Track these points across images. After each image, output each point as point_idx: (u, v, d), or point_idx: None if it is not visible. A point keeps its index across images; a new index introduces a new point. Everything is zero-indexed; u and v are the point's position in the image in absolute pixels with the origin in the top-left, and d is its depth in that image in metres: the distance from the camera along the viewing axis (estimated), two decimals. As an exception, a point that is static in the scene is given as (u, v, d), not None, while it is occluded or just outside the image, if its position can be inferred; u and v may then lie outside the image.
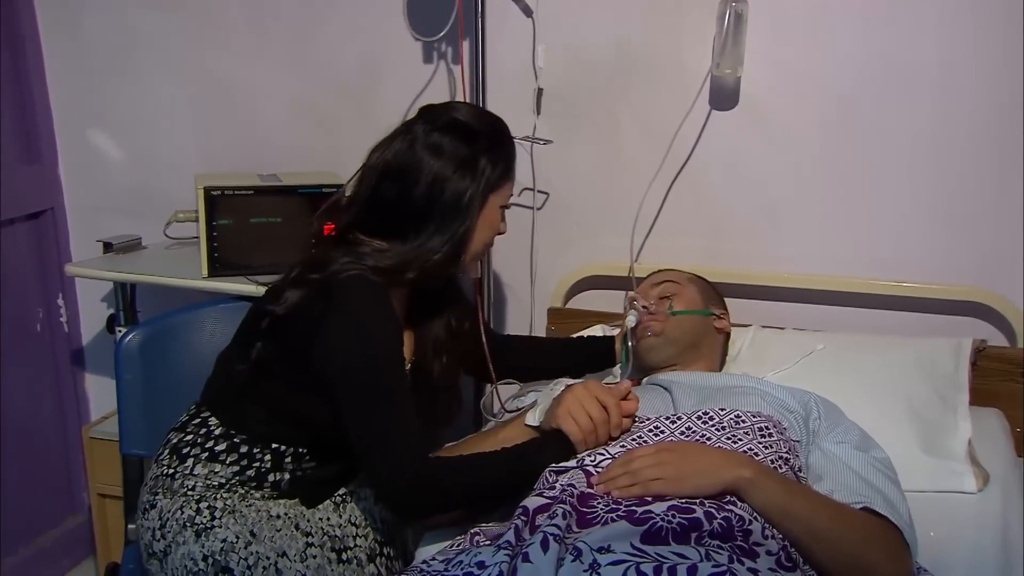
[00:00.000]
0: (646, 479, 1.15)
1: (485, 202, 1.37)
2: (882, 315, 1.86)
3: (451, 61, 1.98)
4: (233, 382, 1.41)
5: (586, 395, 1.28)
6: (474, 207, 1.35)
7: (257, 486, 1.39)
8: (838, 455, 1.32)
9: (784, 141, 1.85)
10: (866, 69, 1.77)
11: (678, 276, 1.64)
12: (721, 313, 1.62)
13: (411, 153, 1.35)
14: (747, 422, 1.30)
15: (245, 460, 1.39)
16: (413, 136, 1.37)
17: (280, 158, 2.13)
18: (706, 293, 1.63)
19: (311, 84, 2.12)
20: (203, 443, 1.40)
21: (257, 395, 1.39)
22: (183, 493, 1.38)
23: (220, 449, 1.39)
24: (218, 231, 1.84)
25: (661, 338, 1.53)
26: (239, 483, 1.39)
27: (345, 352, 1.28)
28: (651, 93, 1.89)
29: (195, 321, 1.76)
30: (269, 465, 1.39)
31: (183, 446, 1.41)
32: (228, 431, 1.40)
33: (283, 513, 1.39)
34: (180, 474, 1.39)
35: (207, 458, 1.39)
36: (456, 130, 1.36)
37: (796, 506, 1.14)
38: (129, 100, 2.26)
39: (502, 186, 1.39)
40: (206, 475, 1.38)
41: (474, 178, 1.35)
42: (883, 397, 1.59)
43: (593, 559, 1.02)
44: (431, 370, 1.49)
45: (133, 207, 2.27)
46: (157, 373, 1.68)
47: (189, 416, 1.46)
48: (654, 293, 1.59)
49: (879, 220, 1.83)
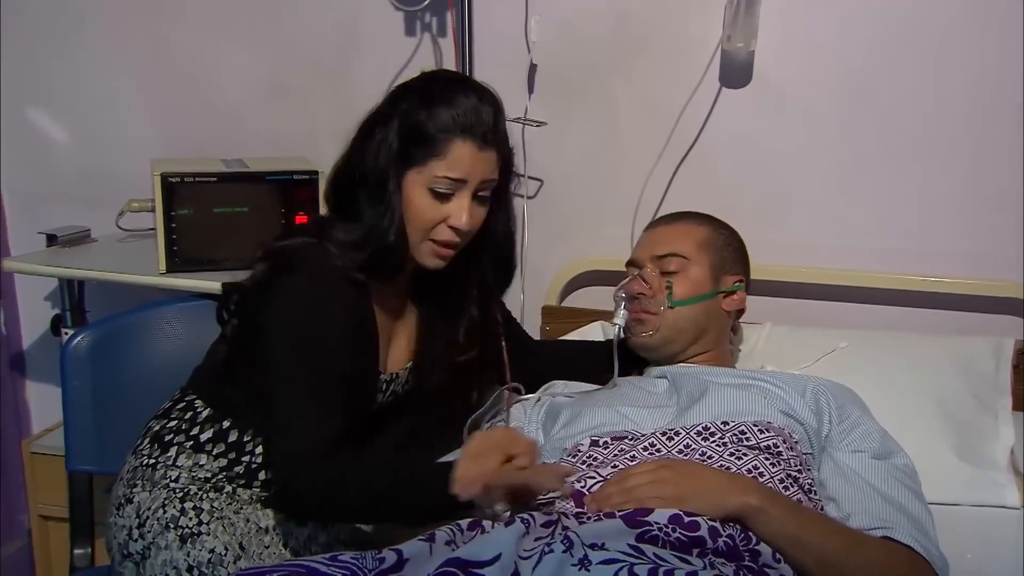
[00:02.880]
0: (641, 497, 1.14)
1: (402, 178, 1.31)
2: (907, 313, 1.85)
3: (436, 33, 1.97)
4: (217, 366, 1.43)
5: (504, 439, 1.21)
6: (387, 184, 1.30)
7: (246, 484, 1.39)
8: (854, 468, 1.31)
9: (801, 121, 1.84)
10: (890, 40, 1.76)
11: (689, 239, 1.52)
12: (736, 281, 1.54)
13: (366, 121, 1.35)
14: (752, 439, 1.29)
15: (233, 452, 1.39)
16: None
17: (246, 141, 2.12)
18: (719, 260, 1.53)
19: (280, 59, 2.11)
20: (188, 430, 1.41)
21: (239, 380, 1.40)
22: (165, 485, 1.37)
23: (206, 438, 1.40)
24: (177, 222, 1.82)
25: (656, 337, 1.49)
26: (226, 479, 1.39)
27: (279, 324, 1.29)
28: (655, 69, 1.89)
29: (151, 322, 1.74)
30: (260, 460, 1.39)
31: (166, 433, 1.41)
32: (215, 414, 1.41)
33: (271, 527, 1.40)
34: (162, 464, 1.39)
35: (192, 447, 1.39)
36: (391, 93, 1.34)
37: (807, 536, 1.13)
38: (76, 75, 2.23)
39: (425, 161, 1.29)
40: (191, 467, 1.38)
41: (380, 147, 1.30)
42: (911, 397, 1.58)
43: (584, 554, 1.00)
44: (425, 385, 1.48)
45: (81, 195, 2.25)
46: (108, 380, 1.66)
47: (173, 401, 1.46)
48: (653, 271, 1.51)
49: (905, 207, 1.82)
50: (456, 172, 1.30)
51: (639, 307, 1.50)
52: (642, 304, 1.50)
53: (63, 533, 1.76)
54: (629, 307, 1.52)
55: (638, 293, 1.51)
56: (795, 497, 1.22)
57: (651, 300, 1.50)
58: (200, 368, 1.49)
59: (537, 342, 1.81)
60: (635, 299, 1.51)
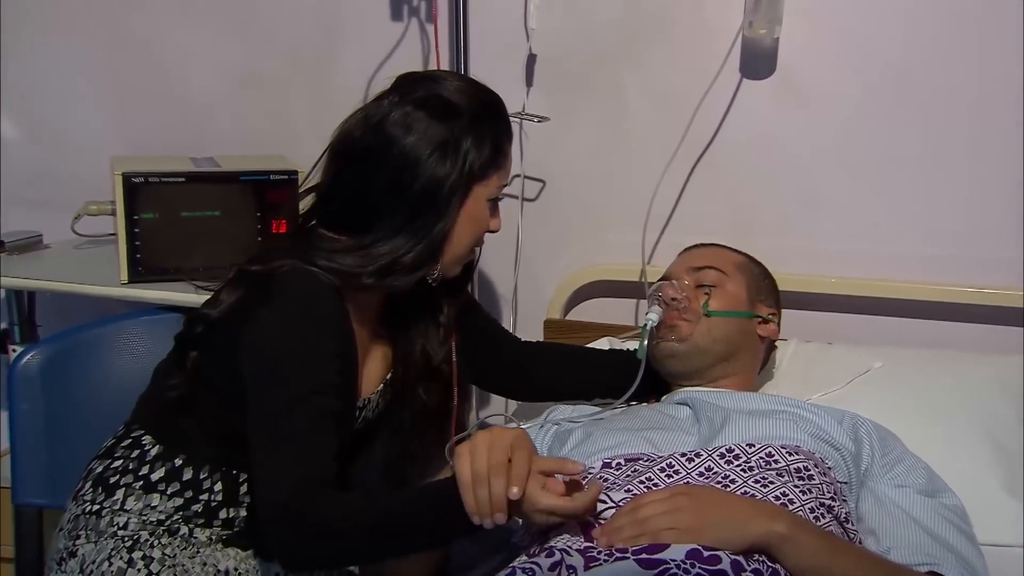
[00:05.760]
0: (656, 529, 1.12)
1: (468, 193, 1.36)
2: (951, 328, 1.84)
3: (425, 19, 1.97)
4: (170, 397, 1.42)
5: (497, 439, 1.16)
6: (454, 199, 1.35)
7: (205, 524, 1.38)
8: (897, 502, 1.30)
9: (830, 116, 1.83)
10: (927, 27, 1.76)
11: (726, 260, 1.58)
12: (770, 314, 1.58)
13: (378, 129, 1.35)
14: (781, 461, 1.28)
15: (190, 491, 1.38)
16: (384, 109, 1.37)
17: (216, 138, 2.12)
18: (756, 286, 1.58)
19: (254, 48, 2.12)
20: (136, 469, 1.39)
21: (197, 412, 1.40)
22: (112, 534, 1.36)
23: (158, 477, 1.38)
24: (141, 227, 1.81)
25: (687, 344, 1.50)
26: (182, 520, 1.37)
27: (260, 349, 1.29)
28: (668, 58, 1.88)
29: (111, 337, 1.74)
30: (221, 497, 1.39)
31: (111, 475, 1.40)
32: (167, 452, 1.40)
33: (232, 568, 1.38)
34: (108, 510, 1.37)
35: (142, 488, 1.38)
36: (435, 104, 1.36)
37: (842, 568, 1.12)
38: (24, 65, 2.23)
39: (490, 175, 1.38)
40: (141, 510, 1.37)
41: (455, 163, 1.34)
42: (955, 424, 1.57)
43: None
44: (409, 400, 1.49)
45: (32, 197, 2.25)
46: (62, 403, 1.66)
47: (117, 438, 1.45)
48: (690, 281, 1.55)
49: (950, 210, 1.81)
50: (506, 180, 1.43)
51: (673, 313, 1.52)
52: (677, 310, 1.52)
53: (9, 574, 1.75)
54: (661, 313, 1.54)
55: (672, 298, 1.52)
56: (828, 528, 1.20)
57: (687, 306, 1.52)
58: (146, 398, 1.48)
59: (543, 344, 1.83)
60: (668, 305, 1.53)
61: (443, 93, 1.37)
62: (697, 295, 1.53)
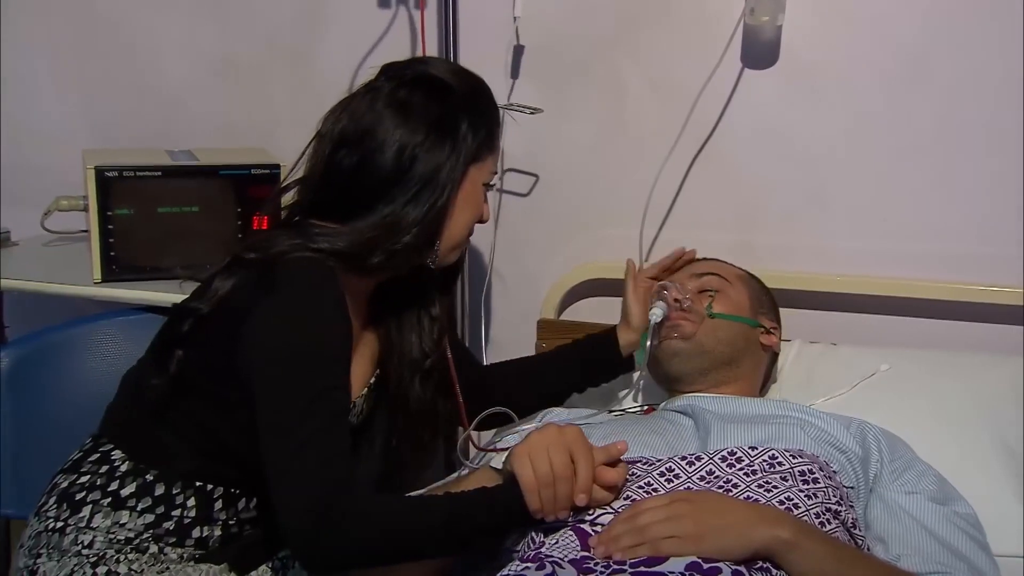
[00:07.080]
0: (655, 537, 1.13)
1: (465, 175, 1.39)
2: (963, 328, 1.84)
3: (412, 5, 1.97)
4: (144, 404, 1.39)
5: (556, 439, 1.22)
6: (452, 181, 1.38)
7: (177, 542, 1.37)
8: (908, 509, 1.30)
9: (838, 107, 1.83)
10: (938, 12, 1.75)
11: (726, 270, 1.63)
12: (771, 327, 1.61)
13: (372, 114, 1.37)
14: (785, 464, 1.28)
15: (161, 507, 1.36)
16: (375, 94, 1.39)
17: (192, 129, 2.13)
18: (758, 298, 1.63)
19: (233, 36, 2.11)
20: (104, 485, 1.37)
21: (177, 420, 1.38)
22: (76, 552, 1.34)
23: (128, 493, 1.37)
24: (115, 223, 1.81)
25: (691, 343, 1.52)
26: (152, 538, 1.36)
27: (270, 347, 1.28)
28: (667, 46, 1.88)
29: (83, 339, 1.75)
30: (194, 514, 1.37)
31: (77, 491, 1.38)
32: (138, 467, 1.38)
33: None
34: (73, 528, 1.35)
35: (110, 505, 1.36)
36: (428, 85, 1.39)
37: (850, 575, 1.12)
38: None
39: (484, 156, 1.42)
40: (108, 528, 1.35)
41: (454, 145, 1.37)
42: (967, 429, 1.57)
43: None
44: (406, 396, 1.49)
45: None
46: (31, 408, 1.67)
47: (84, 452, 1.43)
48: (693, 286, 1.58)
49: (967, 206, 1.81)
50: (496, 165, 1.46)
51: (677, 313, 1.55)
52: (680, 310, 1.55)
53: (-25, 588, 1.80)
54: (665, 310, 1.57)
55: (675, 299, 1.55)
56: (835, 534, 1.21)
57: (691, 307, 1.55)
58: (114, 407, 1.46)
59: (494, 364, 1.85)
60: (670, 306, 1.56)
61: (435, 73, 1.40)
62: (701, 298, 1.56)
